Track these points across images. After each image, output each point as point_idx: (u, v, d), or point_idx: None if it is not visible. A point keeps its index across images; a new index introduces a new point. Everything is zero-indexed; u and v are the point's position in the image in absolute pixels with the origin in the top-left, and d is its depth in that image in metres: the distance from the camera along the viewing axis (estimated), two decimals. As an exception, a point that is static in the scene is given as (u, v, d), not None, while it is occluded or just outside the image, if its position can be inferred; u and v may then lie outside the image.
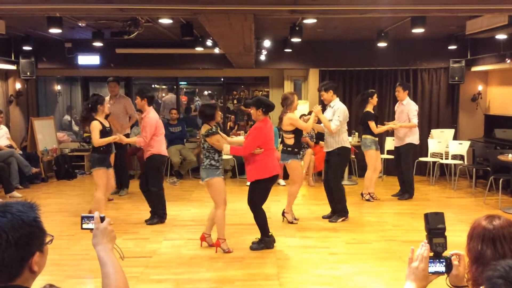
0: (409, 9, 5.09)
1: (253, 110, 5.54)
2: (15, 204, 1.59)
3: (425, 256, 1.91)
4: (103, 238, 1.95)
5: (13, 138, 9.79)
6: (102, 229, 1.96)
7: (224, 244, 5.49)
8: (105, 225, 1.98)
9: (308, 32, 8.27)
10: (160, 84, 16.34)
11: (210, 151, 5.37)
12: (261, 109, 5.49)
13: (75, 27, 8.07)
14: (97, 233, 1.96)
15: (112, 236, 1.99)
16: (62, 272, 4.85)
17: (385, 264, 5.13)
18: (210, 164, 5.36)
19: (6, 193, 8.31)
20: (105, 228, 1.97)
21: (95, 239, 1.96)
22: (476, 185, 8.88)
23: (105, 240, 1.95)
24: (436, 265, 1.91)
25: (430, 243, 1.94)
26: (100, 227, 1.97)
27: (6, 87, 10.43)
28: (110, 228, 1.99)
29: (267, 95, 12.35)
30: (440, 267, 1.91)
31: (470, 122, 10.37)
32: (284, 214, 6.74)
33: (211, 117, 5.46)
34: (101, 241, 1.94)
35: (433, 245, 1.94)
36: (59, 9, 5.10)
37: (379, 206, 7.66)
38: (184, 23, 7.19)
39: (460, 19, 7.35)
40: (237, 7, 4.38)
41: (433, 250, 1.93)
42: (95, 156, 6.36)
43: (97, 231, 1.96)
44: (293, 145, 6.44)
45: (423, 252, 1.92)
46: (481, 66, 9.66)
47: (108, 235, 1.97)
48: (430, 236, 1.96)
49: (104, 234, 1.96)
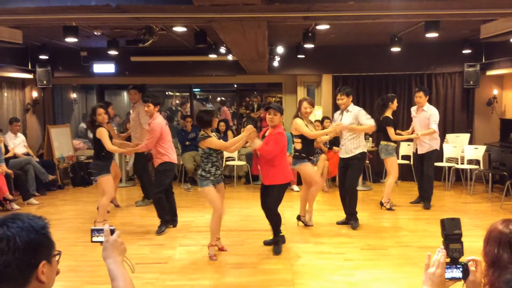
0: (421, 14, 5.09)
1: (278, 116, 5.56)
2: (25, 213, 1.60)
3: (442, 262, 1.91)
4: (113, 251, 1.94)
5: (30, 146, 9.94)
6: (112, 242, 1.95)
7: (211, 249, 5.52)
8: (115, 238, 1.96)
9: (321, 38, 8.29)
10: (174, 91, 16.47)
11: (204, 160, 5.43)
12: (281, 115, 5.63)
13: (91, 36, 8.19)
14: (107, 246, 1.95)
15: (122, 249, 1.97)
16: (79, 278, 4.89)
17: (401, 270, 5.10)
18: (200, 175, 5.45)
19: (24, 200, 8.43)
20: (115, 240, 1.96)
21: (105, 252, 1.94)
22: (493, 190, 8.79)
23: (115, 253, 1.93)
24: (453, 271, 1.91)
25: (447, 249, 1.94)
26: (110, 240, 1.96)
27: (23, 95, 10.60)
28: (120, 240, 1.97)
29: (280, 101, 12.38)
30: (457, 273, 1.91)
31: (486, 127, 10.28)
32: (300, 218, 6.79)
33: (208, 124, 5.47)
34: (111, 254, 1.93)
35: (450, 250, 1.93)
36: (76, 19, 5.19)
37: (394, 212, 7.61)
38: (198, 31, 7.25)
39: (474, 23, 7.31)
40: (251, 14, 4.42)
41: (450, 256, 1.93)
42: (99, 164, 6.48)
43: (107, 244, 1.95)
44: (301, 150, 6.42)
45: (440, 258, 1.92)
46: (496, 70, 9.58)
47: (118, 248, 1.95)
48: (447, 242, 1.96)
49: (114, 247, 1.94)
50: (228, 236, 6.31)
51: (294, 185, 9.52)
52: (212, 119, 5.48)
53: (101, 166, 6.47)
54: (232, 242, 6.07)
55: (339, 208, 7.03)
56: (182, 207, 6.90)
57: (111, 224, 2.63)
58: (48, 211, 8.01)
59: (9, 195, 7.97)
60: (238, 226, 6.86)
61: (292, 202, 8.09)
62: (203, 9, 4.38)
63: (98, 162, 6.49)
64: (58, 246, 1.67)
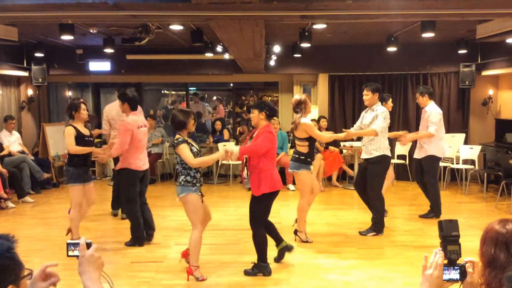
0: (419, 14, 5.10)
1: (255, 113, 4.94)
2: None
3: (440, 264, 1.91)
4: (89, 266, 1.85)
5: (25, 144, 9.89)
6: (88, 256, 1.87)
7: (197, 272, 4.85)
8: (91, 253, 1.87)
9: (317, 37, 8.30)
10: (170, 90, 16.44)
11: (185, 165, 4.74)
12: (264, 112, 4.91)
13: (87, 34, 8.16)
14: (83, 260, 1.86)
15: (99, 264, 1.89)
16: (74, 277, 4.84)
17: (397, 270, 5.11)
18: (185, 181, 4.75)
19: (19, 198, 8.39)
20: (91, 255, 1.87)
21: (80, 267, 1.86)
22: (488, 190, 8.82)
23: (91, 268, 1.85)
24: (450, 273, 1.91)
25: (445, 250, 1.94)
26: (85, 255, 1.87)
27: (18, 93, 10.55)
28: (97, 255, 1.89)
29: (276, 100, 12.38)
30: (454, 275, 1.91)
31: (481, 127, 10.32)
32: (296, 233, 6.11)
33: (182, 125, 4.80)
34: (87, 269, 1.85)
35: (448, 252, 1.94)
36: (72, 16, 5.16)
37: (390, 212, 7.62)
38: (195, 29, 7.24)
39: (470, 23, 7.33)
40: (248, 13, 4.41)
41: (448, 258, 1.94)
42: (70, 170, 5.57)
43: (83, 258, 1.86)
44: (306, 154, 5.82)
45: (438, 260, 1.92)
46: (491, 70, 9.62)
47: (95, 263, 1.87)
48: (445, 243, 1.96)
49: (91, 262, 1.86)
50: (223, 235, 6.31)
51: (290, 184, 9.52)
52: (188, 121, 4.80)
53: (71, 174, 5.57)
54: (228, 241, 6.06)
55: (335, 207, 7.03)
56: (177, 206, 6.87)
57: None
58: (43, 209, 7.99)
59: (3, 194, 7.92)
60: (234, 225, 6.85)
61: (288, 201, 8.10)
62: (200, 7, 4.37)
63: (69, 169, 5.58)
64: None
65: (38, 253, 5.46)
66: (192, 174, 4.77)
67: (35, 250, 5.60)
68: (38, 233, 6.55)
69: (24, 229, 6.79)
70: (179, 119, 4.80)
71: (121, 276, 4.92)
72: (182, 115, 4.84)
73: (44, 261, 1.90)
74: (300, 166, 5.83)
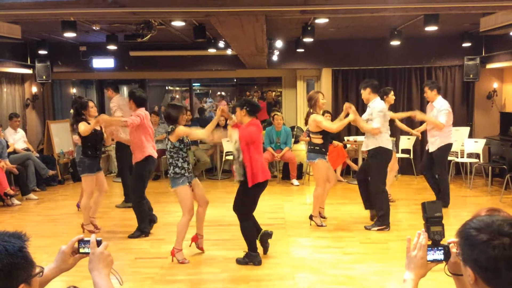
0: (420, 7, 5.06)
1: (237, 111, 5.12)
2: (1, 234, 1.52)
3: (423, 244, 1.93)
4: (99, 263, 1.89)
5: (30, 141, 9.95)
6: (98, 254, 1.90)
7: (179, 254, 5.19)
8: (101, 250, 1.91)
9: (320, 31, 8.27)
10: (174, 86, 16.47)
11: (174, 156, 5.11)
12: (245, 108, 5.04)
13: (90, 31, 8.17)
14: (93, 258, 1.90)
15: (109, 261, 1.92)
16: (79, 273, 4.88)
17: (401, 264, 5.06)
18: (174, 172, 5.12)
19: (23, 195, 8.45)
20: (101, 252, 1.91)
21: (91, 264, 1.89)
22: (492, 184, 8.79)
23: (101, 265, 1.89)
24: (434, 253, 1.93)
25: (428, 231, 1.96)
26: (96, 252, 1.91)
27: (23, 91, 10.60)
28: (107, 252, 1.92)
29: (280, 95, 12.38)
30: (438, 255, 1.93)
31: (486, 120, 10.26)
32: (312, 218, 6.53)
33: (173, 121, 5.14)
34: (97, 266, 1.88)
35: (431, 233, 1.96)
36: (74, 14, 5.17)
37: (394, 206, 7.60)
38: (197, 25, 7.24)
39: (474, 16, 7.28)
40: (248, 8, 4.41)
41: (431, 238, 1.95)
42: (85, 162, 6.17)
43: (93, 256, 1.90)
44: (322, 144, 6.23)
45: (421, 241, 1.93)
46: (496, 63, 9.55)
47: (105, 260, 1.90)
48: (428, 224, 1.98)
49: (101, 259, 1.89)
50: (227, 231, 6.33)
51: (294, 179, 9.52)
52: (179, 116, 5.14)
53: (87, 165, 6.15)
54: (232, 237, 6.08)
55: (339, 201, 7.02)
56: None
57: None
58: (48, 206, 8.04)
59: (10, 190, 7.98)
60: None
61: (292, 196, 8.10)
62: (200, 3, 4.37)
63: (85, 160, 6.16)
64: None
65: (44, 249, 5.49)
66: (180, 164, 5.11)
67: (41, 246, 5.62)
68: (44, 230, 6.59)
69: (30, 226, 6.84)
70: (172, 115, 5.14)
71: (126, 272, 4.94)
72: (174, 110, 5.18)
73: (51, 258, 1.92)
74: (316, 156, 6.24)
